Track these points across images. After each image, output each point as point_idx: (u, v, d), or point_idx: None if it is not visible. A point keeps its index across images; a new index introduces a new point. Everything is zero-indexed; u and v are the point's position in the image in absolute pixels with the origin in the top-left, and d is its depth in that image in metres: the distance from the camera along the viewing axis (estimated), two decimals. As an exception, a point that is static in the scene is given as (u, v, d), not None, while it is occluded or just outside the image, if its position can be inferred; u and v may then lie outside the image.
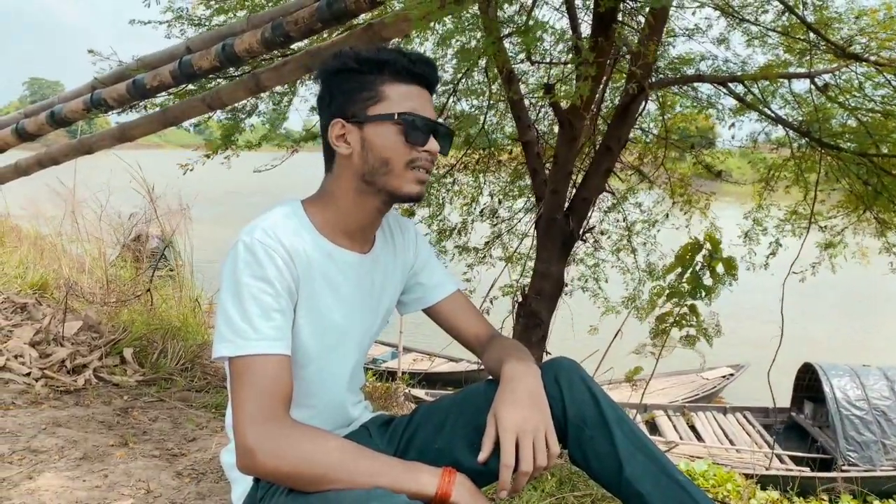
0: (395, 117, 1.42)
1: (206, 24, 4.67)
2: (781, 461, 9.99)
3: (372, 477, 1.28)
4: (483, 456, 1.38)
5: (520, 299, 4.06)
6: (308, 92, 5.15)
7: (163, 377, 3.25)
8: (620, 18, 3.71)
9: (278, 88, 4.96)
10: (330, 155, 1.52)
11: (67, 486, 2.07)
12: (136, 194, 6.58)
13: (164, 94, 4.71)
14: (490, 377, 1.73)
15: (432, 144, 1.46)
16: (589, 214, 4.25)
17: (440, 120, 1.57)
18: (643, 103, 4.16)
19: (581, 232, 4.09)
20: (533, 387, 1.45)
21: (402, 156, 1.44)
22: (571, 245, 4.12)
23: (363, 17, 4.10)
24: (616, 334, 4.18)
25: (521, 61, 4.39)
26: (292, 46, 4.40)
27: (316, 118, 5.34)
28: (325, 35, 4.48)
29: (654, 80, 4.04)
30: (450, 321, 1.78)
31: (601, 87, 3.80)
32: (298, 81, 4.96)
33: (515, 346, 1.65)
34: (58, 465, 2.24)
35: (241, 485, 1.58)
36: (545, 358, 4.21)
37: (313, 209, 1.52)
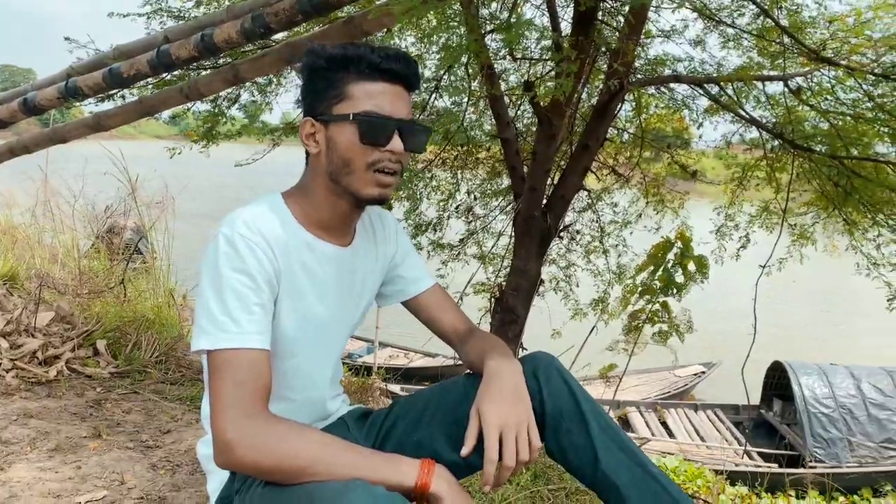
0: (351, 117, 1.40)
1: (185, 16, 4.62)
2: (751, 458, 10.16)
3: (351, 469, 1.28)
4: (466, 450, 1.40)
5: (497, 295, 4.09)
6: (289, 83, 5.13)
7: (136, 369, 3.22)
8: (600, 17, 3.73)
9: (259, 80, 4.92)
10: (307, 152, 1.53)
11: (40, 477, 2.05)
12: (110, 185, 6.51)
13: (141, 83, 4.65)
14: (468, 371, 1.75)
15: (395, 144, 1.43)
16: (566, 212, 4.28)
17: (415, 117, 1.54)
18: (621, 102, 4.20)
19: (558, 229, 4.13)
20: (516, 382, 1.46)
21: (361, 157, 1.42)
22: (549, 242, 4.15)
23: (346, 9, 4.08)
24: (591, 330, 4.22)
25: (503, 58, 4.40)
26: (272, 38, 4.38)
27: (297, 111, 5.33)
28: (303, 28, 4.47)
29: (632, 79, 4.07)
30: (429, 314, 1.79)
31: (580, 85, 3.82)
32: (279, 73, 4.93)
33: (495, 341, 1.66)
34: (29, 456, 2.21)
35: (217, 477, 1.59)
36: (520, 354, 4.23)
37: (293, 202, 1.52)
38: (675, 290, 4.71)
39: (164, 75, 4.69)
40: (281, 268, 1.43)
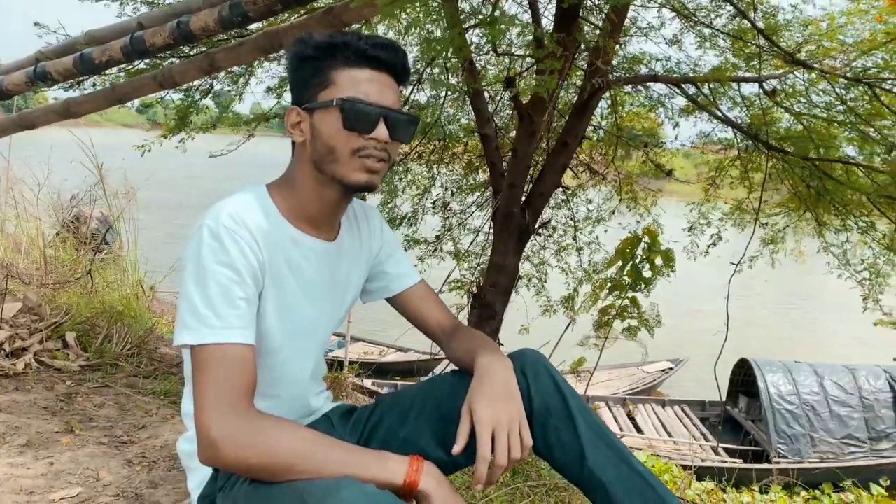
0: (334, 103, 1.38)
1: (159, 2, 4.52)
2: (717, 453, 10.32)
3: (339, 466, 1.27)
4: (458, 448, 1.39)
5: (475, 291, 4.08)
6: (264, 74, 5.05)
7: (108, 362, 3.15)
8: (581, 15, 3.74)
9: (235, 69, 4.84)
10: (292, 142, 1.50)
11: (11, 473, 1.99)
12: (76, 173, 6.37)
13: (112, 70, 4.54)
14: (454, 368, 1.74)
15: (380, 132, 1.41)
16: (544, 209, 4.29)
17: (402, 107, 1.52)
18: (600, 100, 4.21)
19: (536, 226, 4.14)
20: (507, 380, 1.46)
21: (345, 143, 1.40)
22: (527, 239, 4.16)
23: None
24: (567, 326, 4.24)
25: (485, 53, 4.38)
26: (250, 27, 4.31)
27: (271, 101, 5.25)
28: (279, 18, 4.40)
29: (611, 77, 4.09)
30: (414, 311, 1.78)
31: (561, 82, 3.82)
32: (256, 63, 4.86)
33: (484, 339, 1.66)
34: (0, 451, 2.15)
35: (199, 474, 1.55)
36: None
37: (278, 195, 1.49)
38: (643, 285, 4.75)
39: (136, 63, 4.59)
40: (266, 262, 1.40)
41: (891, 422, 10.39)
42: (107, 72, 4.56)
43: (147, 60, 4.64)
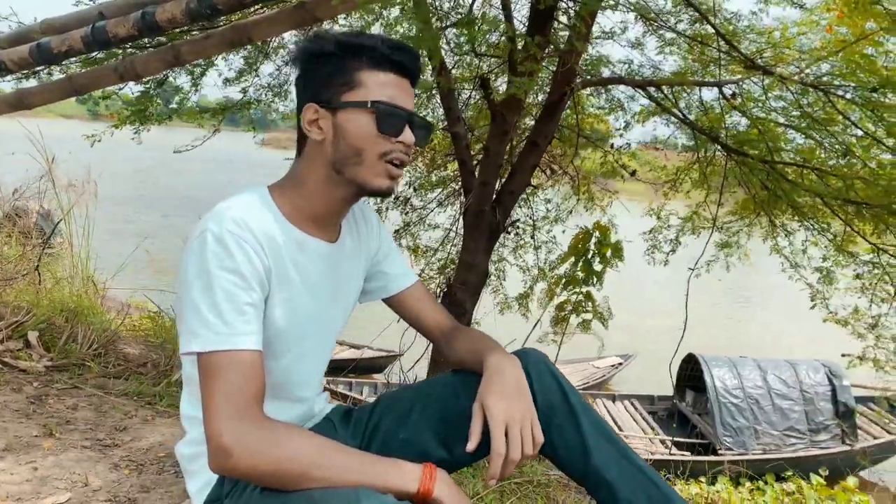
0: (369, 105, 1.38)
1: (120, -11, 4.37)
2: (666, 446, 10.57)
3: (353, 474, 1.27)
4: (472, 445, 1.41)
5: (445, 289, 4.10)
6: (227, 67, 4.96)
7: (74, 363, 3.05)
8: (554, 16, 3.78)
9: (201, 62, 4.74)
10: (302, 139, 1.48)
11: (-8, 479, 1.92)
12: (18, 165, 6.16)
13: (70, 61, 4.40)
14: (454, 368, 1.75)
15: (407, 136, 1.42)
16: (513, 208, 4.33)
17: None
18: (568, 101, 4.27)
19: (506, 225, 4.18)
20: (518, 377, 1.48)
21: (374, 146, 1.40)
22: (497, 237, 4.19)
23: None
24: (535, 324, 4.29)
25: (464, 54, 4.38)
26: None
27: (233, 94, 5.15)
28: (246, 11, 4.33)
29: (579, 79, 4.15)
30: (412, 311, 1.79)
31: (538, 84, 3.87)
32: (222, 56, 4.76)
33: (487, 338, 1.68)
34: (-23, 457, 2.07)
35: (201, 478, 1.53)
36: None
37: (281, 196, 1.47)
38: (595, 279, 4.85)
39: (95, 53, 4.45)
40: (272, 266, 1.38)
41: (829, 414, 10.79)
42: (65, 62, 4.40)
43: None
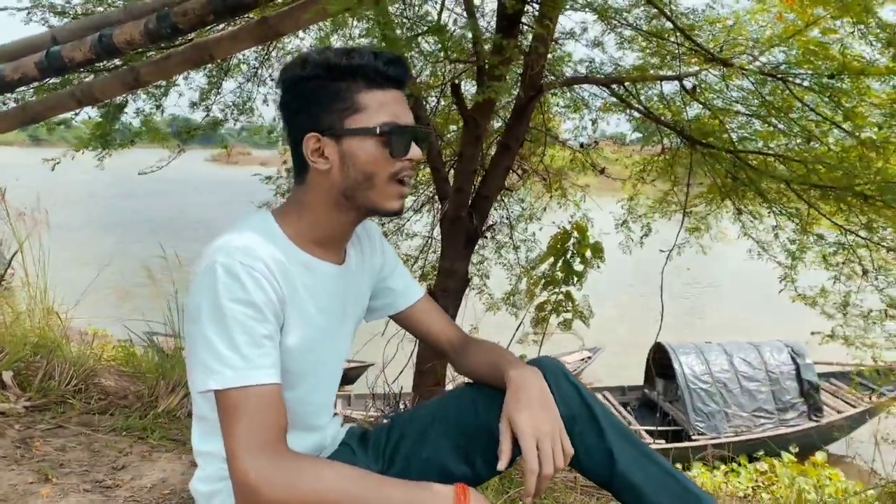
0: (378, 131, 1.35)
1: (70, 12, 4.26)
2: (640, 436, 10.69)
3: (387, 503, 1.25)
4: (503, 464, 1.39)
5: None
6: (188, 87, 4.86)
7: (54, 401, 2.93)
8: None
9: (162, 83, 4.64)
10: (302, 167, 1.43)
11: (-8, 534, 1.83)
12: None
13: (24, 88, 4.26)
14: (468, 381, 1.73)
15: (414, 152, 1.40)
16: (489, 212, 4.34)
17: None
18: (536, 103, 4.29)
19: (483, 229, 4.18)
20: (542, 390, 1.46)
21: (384, 169, 1.38)
22: (475, 242, 4.19)
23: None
24: (518, 327, 4.30)
25: (439, 61, 4.37)
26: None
27: (195, 115, 5.05)
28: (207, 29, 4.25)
29: (546, 80, 4.17)
30: (421, 326, 1.76)
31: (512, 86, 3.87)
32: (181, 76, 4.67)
33: (501, 350, 1.66)
34: (-28, 511, 1.96)
35: (220, 514, 1.48)
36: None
37: (286, 221, 1.43)
38: (575, 279, 4.88)
39: (49, 80, 4.31)
40: (286, 296, 1.34)
41: (795, 392, 11.05)
42: (19, 90, 4.26)
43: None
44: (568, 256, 4.78)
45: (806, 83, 4.15)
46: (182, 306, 3.84)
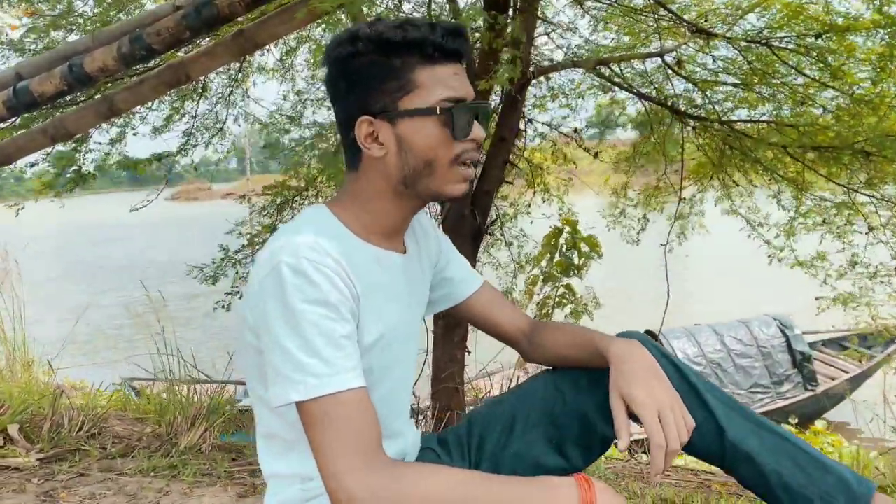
0: (438, 111, 1.23)
1: (33, 48, 4.06)
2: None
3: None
4: (624, 443, 1.26)
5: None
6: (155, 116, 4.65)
7: (68, 451, 2.74)
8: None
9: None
10: (355, 152, 1.30)
11: None
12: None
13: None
14: (546, 368, 1.62)
15: (477, 131, 1.28)
16: (491, 207, 4.23)
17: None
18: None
19: (486, 225, 4.08)
20: (651, 361, 1.35)
21: (445, 152, 1.25)
22: (480, 239, 4.08)
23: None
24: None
25: None
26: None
27: (166, 143, 4.86)
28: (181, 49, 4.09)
29: (534, 67, 4.09)
30: (485, 315, 1.63)
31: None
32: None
33: (586, 328, 1.55)
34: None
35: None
36: (468, 356, 4.14)
37: (345, 213, 1.31)
38: (575, 271, 4.82)
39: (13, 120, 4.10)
40: (359, 292, 1.21)
41: (788, 364, 11.13)
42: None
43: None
44: (564, 251, 4.72)
45: (791, 45, 4.12)
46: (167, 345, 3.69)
